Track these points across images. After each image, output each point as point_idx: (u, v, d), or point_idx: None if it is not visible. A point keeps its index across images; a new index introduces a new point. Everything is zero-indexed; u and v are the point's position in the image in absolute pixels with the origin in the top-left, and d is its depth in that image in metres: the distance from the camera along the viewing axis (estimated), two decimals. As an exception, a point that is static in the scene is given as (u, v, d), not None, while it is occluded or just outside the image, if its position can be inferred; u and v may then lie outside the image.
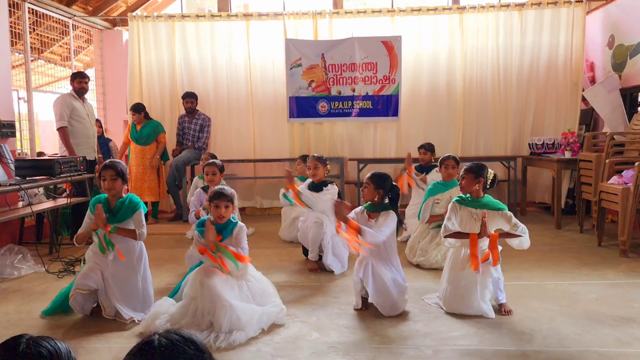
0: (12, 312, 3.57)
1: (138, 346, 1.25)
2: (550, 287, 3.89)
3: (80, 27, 7.57)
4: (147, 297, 3.49)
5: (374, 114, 7.23)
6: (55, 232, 5.38)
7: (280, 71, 7.27)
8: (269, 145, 7.42)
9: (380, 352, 2.82)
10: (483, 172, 3.49)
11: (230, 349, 2.86)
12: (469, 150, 7.23)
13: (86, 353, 2.84)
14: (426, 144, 5.76)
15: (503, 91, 7.16)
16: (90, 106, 6.15)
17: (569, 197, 6.86)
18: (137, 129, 6.87)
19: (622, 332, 3.02)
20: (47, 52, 7.63)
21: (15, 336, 1.32)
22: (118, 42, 7.93)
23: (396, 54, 7.07)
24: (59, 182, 5.08)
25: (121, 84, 7.69)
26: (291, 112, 7.28)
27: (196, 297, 3.11)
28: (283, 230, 5.73)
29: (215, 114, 7.36)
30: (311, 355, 2.79)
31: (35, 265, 4.64)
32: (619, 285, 3.90)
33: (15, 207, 5.03)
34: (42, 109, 7.45)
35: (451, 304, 3.38)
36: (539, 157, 6.54)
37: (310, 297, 3.79)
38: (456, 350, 2.82)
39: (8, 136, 5.41)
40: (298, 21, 7.24)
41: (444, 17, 7.12)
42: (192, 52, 7.36)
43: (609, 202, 4.95)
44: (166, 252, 5.24)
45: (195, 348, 1.25)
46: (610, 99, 6.16)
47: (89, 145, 5.93)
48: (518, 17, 7.06)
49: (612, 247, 5.02)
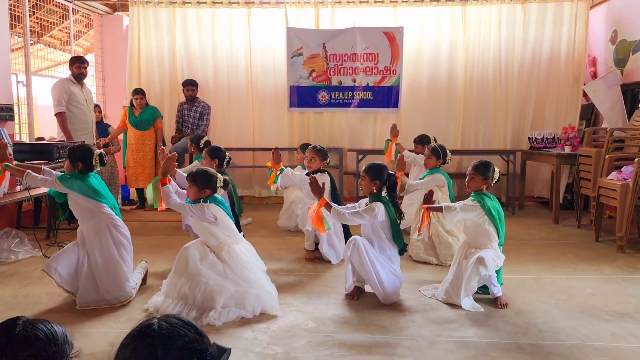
0: (9, 295, 3.58)
1: (138, 329, 1.25)
2: (546, 281, 3.90)
3: (80, 12, 7.51)
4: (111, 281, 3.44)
5: (374, 105, 7.21)
6: (53, 217, 5.37)
7: (281, 60, 7.23)
8: (268, 134, 7.39)
9: (376, 342, 2.83)
10: (490, 173, 3.52)
11: (224, 334, 2.88)
12: (469, 143, 7.21)
13: (82, 337, 2.84)
14: (417, 138, 5.80)
15: (504, 84, 7.14)
16: (89, 91, 6.10)
17: (568, 192, 6.86)
18: (136, 114, 6.83)
19: (617, 327, 3.03)
20: (46, 36, 7.57)
21: (12, 318, 1.32)
22: (118, 28, 7.87)
23: (398, 45, 7.03)
24: (57, 166, 5.05)
25: (121, 70, 7.64)
26: (291, 101, 7.25)
27: (179, 271, 3.22)
28: (282, 217, 5.75)
29: (214, 101, 7.33)
30: (307, 345, 2.80)
31: (32, 250, 4.64)
32: (615, 281, 3.91)
33: (13, 191, 5.01)
34: (41, 93, 7.40)
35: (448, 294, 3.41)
36: (538, 152, 6.53)
37: (307, 286, 3.80)
38: (452, 342, 2.83)
39: (6, 120, 5.39)
40: (300, 10, 7.20)
41: (447, 9, 7.08)
42: (193, 39, 7.31)
43: (607, 197, 4.96)
44: (163, 239, 5.24)
45: (195, 331, 1.26)
46: (611, 95, 6.14)
47: (87, 130, 5.90)
48: (521, 10, 7.02)
49: (609, 243, 5.03)
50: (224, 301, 3.12)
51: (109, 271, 3.39)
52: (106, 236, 3.42)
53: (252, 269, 3.33)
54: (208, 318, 3.03)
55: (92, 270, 3.39)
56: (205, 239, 3.33)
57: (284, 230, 5.62)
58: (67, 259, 3.39)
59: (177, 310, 3.07)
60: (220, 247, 3.28)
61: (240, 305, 3.14)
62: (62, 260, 3.37)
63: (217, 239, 3.30)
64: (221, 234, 3.31)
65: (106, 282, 3.37)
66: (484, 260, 3.24)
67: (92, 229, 3.42)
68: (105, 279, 3.37)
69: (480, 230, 3.43)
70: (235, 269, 3.24)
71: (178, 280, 3.20)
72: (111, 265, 3.40)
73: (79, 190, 3.39)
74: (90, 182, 3.45)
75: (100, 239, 3.41)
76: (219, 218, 3.27)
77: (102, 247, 3.41)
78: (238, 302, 3.15)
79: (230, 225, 3.36)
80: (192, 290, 3.13)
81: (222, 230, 3.31)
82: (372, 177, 3.46)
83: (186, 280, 3.17)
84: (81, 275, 3.38)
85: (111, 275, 3.39)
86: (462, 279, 3.32)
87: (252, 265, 3.35)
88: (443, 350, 2.74)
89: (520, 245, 4.93)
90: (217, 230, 3.29)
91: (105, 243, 3.41)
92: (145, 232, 5.57)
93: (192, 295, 3.13)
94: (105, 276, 3.38)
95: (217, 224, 3.28)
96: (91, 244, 3.41)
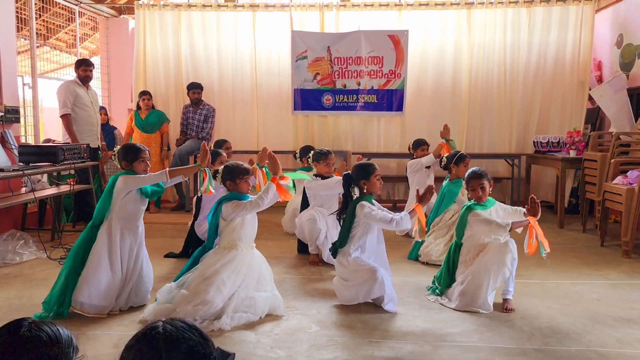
0: (13, 297, 3.58)
1: (143, 331, 1.26)
2: (551, 286, 3.88)
3: (86, 14, 7.55)
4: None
5: (379, 108, 7.21)
6: (58, 219, 5.39)
7: (286, 63, 7.24)
8: (272, 137, 7.39)
9: (379, 346, 2.83)
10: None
11: (227, 338, 2.88)
12: (473, 147, 7.19)
13: (86, 340, 2.85)
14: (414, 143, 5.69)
15: (509, 88, 7.13)
16: (95, 93, 6.12)
17: (573, 197, 6.83)
18: (142, 117, 6.85)
19: (622, 332, 3.01)
20: (52, 39, 7.62)
21: (18, 319, 1.33)
22: (124, 31, 7.91)
23: (402, 49, 7.03)
24: (62, 169, 5.08)
25: (126, 73, 7.67)
26: (296, 104, 7.26)
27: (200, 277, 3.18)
28: (285, 221, 5.75)
29: (219, 104, 7.35)
30: (310, 348, 2.79)
31: (37, 252, 4.65)
32: (620, 286, 3.89)
33: (18, 192, 5.03)
34: (47, 96, 7.44)
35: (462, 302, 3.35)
36: (543, 156, 6.51)
37: (311, 289, 3.79)
38: (455, 347, 2.82)
39: (12, 122, 5.41)
40: (305, 13, 7.21)
41: (452, 13, 7.07)
42: (198, 42, 7.33)
43: (612, 202, 4.93)
44: (167, 241, 5.24)
45: (200, 335, 1.26)
46: (617, 99, 6.12)
47: (92, 133, 5.92)
48: (526, 14, 7.01)
49: (614, 248, 5.01)
50: (235, 306, 3.12)
51: (148, 275, 3.45)
52: (143, 240, 3.49)
53: (263, 273, 3.35)
54: (220, 323, 3.01)
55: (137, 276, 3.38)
56: (231, 238, 3.29)
57: (288, 234, 5.62)
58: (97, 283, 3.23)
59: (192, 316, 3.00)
60: (243, 246, 3.30)
61: (250, 310, 3.15)
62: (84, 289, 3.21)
63: (246, 238, 3.32)
64: (250, 233, 3.35)
65: (145, 286, 3.42)
66: (508, 245, 3.28)
67: (143, 232, 3.46)
68: (147, 284, 3.43)
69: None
70: (251, 272, 3.26)
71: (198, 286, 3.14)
72: (149, 268, 3.48)
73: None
74: None
75: (142, 243, 3.46)
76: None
77: (144, 251, 3.47)
78: (248, 307, 3.15)
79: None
80: (211, 297, 3.07)
81: (252, 229, 3.36)
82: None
83: (206, 287, 3.11)
84: (126, 284, 3.34)
85: (149, 279, 3.45)
86: (482, 278, 3.28)
87: (264, 270, 3.37)
88: (447, 355, 2.72)
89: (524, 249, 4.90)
90: (249, 228, 3.33)
91: (144, 248, 3.48)
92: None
93: (212, 303, 3.07)
94: (147, 280, 3.43)
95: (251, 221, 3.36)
96: (139, 248, 3.41)
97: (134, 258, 3.37)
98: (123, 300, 3.33)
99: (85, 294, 3.16)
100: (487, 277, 3.28)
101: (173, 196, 7.45)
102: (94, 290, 3.18)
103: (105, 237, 3.29)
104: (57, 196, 5.35)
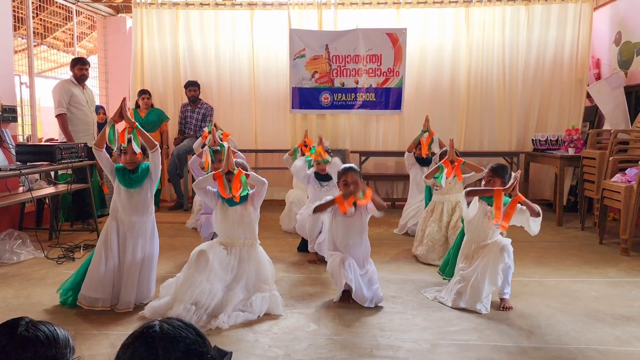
0: (11, 297, 3.57)
1: (140, 330, 1.25)
2: (550, 284, 3.87)
3: (83, 13, 7.53)
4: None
5: (377, 107, 7.20)
6: (55, 218, 5.38)
7: (284, 61, 7.22)
8: (270, 136, 7.39)
9: (378, 345, 2.82)
10: (508, 176, 3.49)
11: (225, 337, 2.87)
12: (473, 145, 7.19)
13: (83, 339, 2.83)
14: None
15: (507, 86, 7.12)
16: (91, 92, 6.08)
17: (571, 195, 6.83)
18: (142, 115, 6.83)
19: (621, 330, 3.01)
20: (50, 38, 7.59)
21: (15, 318, 1.32)
22: (121, 29, 7.88)
23: (401, 47, 7.02)
24: (59, 168, 5.06)
25: (124, 71, 7.65)
26: (294, 103, 7.24)
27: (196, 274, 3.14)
28: (283, 218, 5.77)
29: (217, 103, 7.33)
30: (309, 347, 2.78)
31: (34, 251, 4.64)
32: (619, 284, 3.89)
33: (15, 192, 5.01)
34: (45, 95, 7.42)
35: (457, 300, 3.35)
36: (542, 154, 6.51)
37: (309, 288, 3.78)
38: (454, 345, 2.81)
39: (9, 121, 5.39)
40: (303, 11, 7.19)
41: (450, 10, 7.06)
42: (196, 40, 7.31)
43: (611, 200, 4.93)
44: (166, 240, 5.22)
45: (197, 334, 1.25)
46: (614, 96, 6.12)
47: (88, 132, 5.88)
48: (525, 12, 7.00)
49: (613, 246, 5.01)
50: (233, 305, 3.12)
51: (145, 269, 3.39)
52: (153, 234, 3.46)
53: (264, 272, 3.35)
54: (217, 322, 3.01)
55: (131, 268, 3.33)
56: (238, 233, 3.29)
57: (286, 232, 5.62)
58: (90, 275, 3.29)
59: (189, 315, 2.99)
60: (249, 243, 3.31)
61: (248, 309, 3.14)
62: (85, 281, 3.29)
63: (252, 234, 3.34)
64: (255, 229, 3.36)
65: (143, 280, 3.37)
66: (506, 247, 3.28)
67: (150, 223, 3.43)
68: (144, 278, 3.38)
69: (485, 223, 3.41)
70: (252, 269, 3.28)
71: (193, 284, 3.11)
72: (149, 263, 3.42)
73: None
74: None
75: (148, 235, 3.41)
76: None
77: (147, 244, 3.41)
78: (246, 306, 3.16)
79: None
80: (208, 297, 3.09)
81: (256, 225, 3.37)
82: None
83: (202, 284, 3.10)
84: (122, 278, 3.32)
85: (147, 274, 3.40)
86: (480, 276, 3.28)
87: (265, 269, 3.37)
88: (445, 354, 2.72)
89: (523, 247, 4.90)
90: (256, 223, 3.36)
91: (151, 241, 3.43)
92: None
93: (207, 303, 3.08)
94: (143, 274, 3.38)
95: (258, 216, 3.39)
96: (137, 239, 3.35)
97: (130, 252, 3.33)
98: (126, 295, 3.29)
99: (85, 286, 3.28)
100: (484, 280, 3.28)
101: (171, 195, 7.43)
102: (88, 282, 3.28)
103: (104, 230, 3.38)
104: (55, 196, 5.34)
